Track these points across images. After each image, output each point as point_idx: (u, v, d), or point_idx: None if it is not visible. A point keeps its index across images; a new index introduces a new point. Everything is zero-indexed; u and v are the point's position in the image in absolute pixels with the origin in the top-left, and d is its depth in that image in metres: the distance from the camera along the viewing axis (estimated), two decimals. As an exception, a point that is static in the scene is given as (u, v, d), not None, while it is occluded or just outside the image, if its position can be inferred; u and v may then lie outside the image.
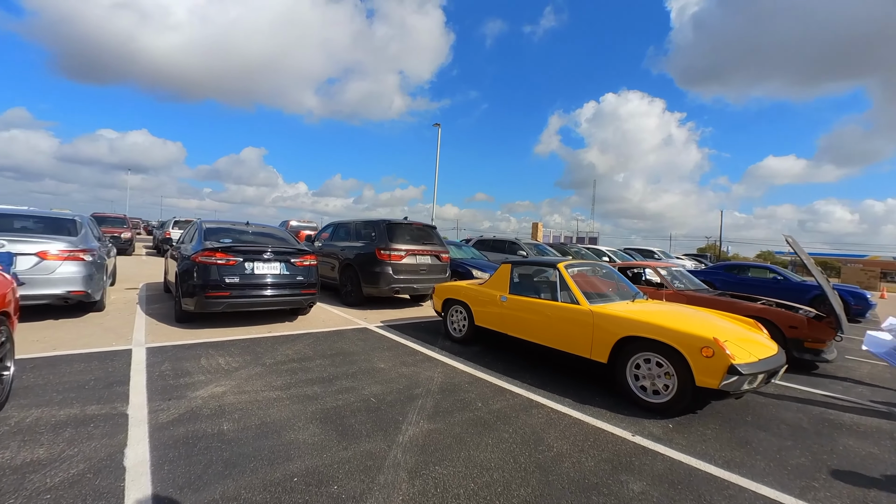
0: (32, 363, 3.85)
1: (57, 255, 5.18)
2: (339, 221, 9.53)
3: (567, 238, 51.43)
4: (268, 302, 5.62)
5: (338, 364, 4.38)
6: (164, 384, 3.55)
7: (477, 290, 5.41)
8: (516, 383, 4.14)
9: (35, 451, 2.45)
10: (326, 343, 5.20)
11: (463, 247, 12.52)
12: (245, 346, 4.81)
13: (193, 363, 4.13)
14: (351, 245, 8.34)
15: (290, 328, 5.83)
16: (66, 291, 5.20)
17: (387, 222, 7.93)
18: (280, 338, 5.29)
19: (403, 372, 4.27)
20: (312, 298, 6.08)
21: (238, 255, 5.48)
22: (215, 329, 5.48)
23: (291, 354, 4.62)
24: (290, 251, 5.98)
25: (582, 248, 17.76)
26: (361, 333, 5.83)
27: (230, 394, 3.43)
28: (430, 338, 5.80)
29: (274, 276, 5.73)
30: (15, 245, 4.93)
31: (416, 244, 7.97)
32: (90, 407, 3.04)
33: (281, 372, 4.03)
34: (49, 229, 5.68)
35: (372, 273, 7.50)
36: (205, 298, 5.21)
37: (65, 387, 3.38)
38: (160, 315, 6.08)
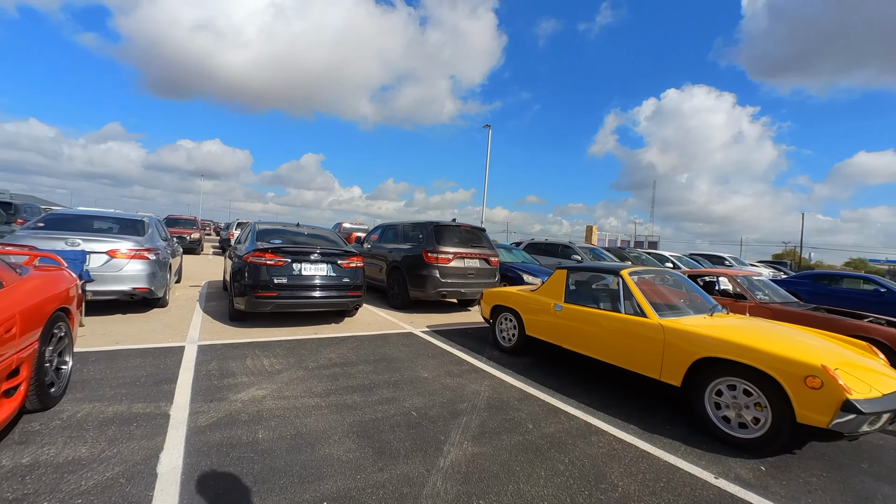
0: (95, 356, 4.02)
1: (124, 254, 5.48)
2: (388, 223, 9.50)
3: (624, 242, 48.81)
4: (314, 303, 5.59)
5: (380, 371, 4.20)
6: (209, 384, 3.54)
7: (528, 297, 5.03)
8: (572, 403, 3.72)
9: (78, 449, 2.45)
10: (370, 347, 5.05)
11: (513, 250, 12.09)
12: (290, 348, 4.78)
13: (239, 363, 4.13)
14: (398, 247, 8.24)
15: (335, 330, 5.77)
16: (132, 288, 5.49)
17: (434, 224, 7.73)
18: (325, 340, 5.23)
19: (448, 383, 3.99)
20: (358, 301, 6.00)
21: (286, 256, 5.51)
22: (264, 328, 5.53)
23: (335, 358, 4.51)
24: (336, 253, 5.94)
25: (642, 253, 16.61)
26: (406, 338, 5.64)
27: (270, 398, 3.34)
28: (478, 346, 5.49)
29: (321, 278, 5.70)
30: (89, 244, 5.27)
31: (465, 247, 7.70)
32: (137, 405, 3.06)
33: (322, 377, 3.91)
34: (119, 230, 6.05)
35: (419, 276, 7.33)
36: (254, 298, 5.27)
37: (118, 382, 3.46)
38: (216, 313, 6.28)
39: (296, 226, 6.83)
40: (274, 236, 6.25)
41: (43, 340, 2.74)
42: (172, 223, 15.79)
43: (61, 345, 3.09)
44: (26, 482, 2.13)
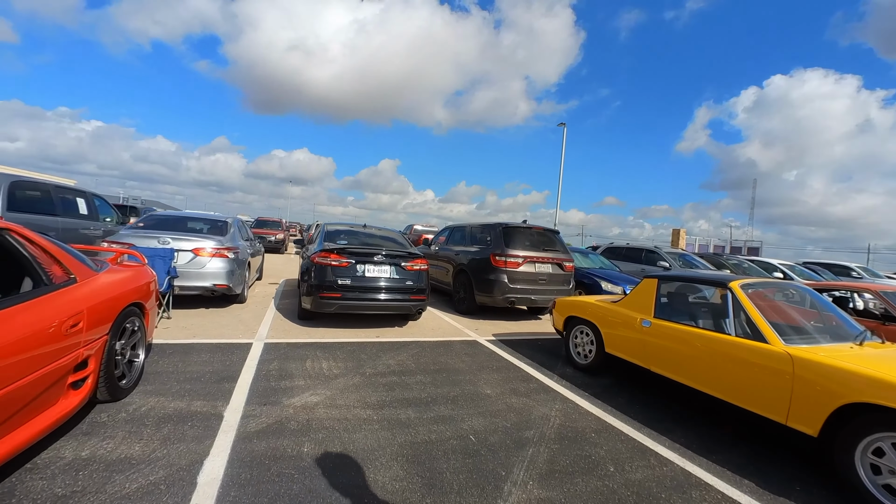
0: (172, 349, 4.21)
1: (207, 252, 5.81)
2: (456, 224, 9.23)
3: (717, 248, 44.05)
4: (377, 306, 5.46)
5: (439, 383, 3.88)
6: (266, 386, 3.48)
7: (609, 309, 4.39)
8: (664, 441, 3.08)
9: (132, 446, 2.44)
10: (431, 355, 4.77)
11: (590, 255, 11.16)
12: (351, 351, 4.66)
13: (299, 364, 4.07)
14: (466, 250, 7.92)
15: (397, 334, 5.59)
16: (213, 284, 5.80)
17: (503, 226, 7.29)
18: (385, 345, 5.05)
19: (513, 403, 3.55)
20: (421, 305, 5.77)
21: (350, 257, 5.45)
22: (329, 329, 5.52)
23: (393, 365, 4.29)
24: (401, 254, 5.77)
25: (743, 261, 14.53)
26: (470, 347, 5.27)
27: (322, 406, 3.17)
28: (548, 360, 4.95)
29: (384, 280, 5.56)
30: (177, 242, 5.66)
31: (536, 250, 7.15)
32: (196, 402, 3.06)
33: (378, 386, 3.68)
34: (205, 230, 6.47)
35: (486, 280, 6.93)
36: (319, 298, 5.27)
37: (185, 376, 3.54)
38: (287, 311, 6.46)
39: (362, 227, 6.82)
40: (341, 237, 6.27)
41: (113, 334, 2.81)
42: (261, 224, 17.12)
43: (133, 339, 3.20)
44: (78, 478, 2.11)
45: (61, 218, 6.36)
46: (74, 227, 6.62)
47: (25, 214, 5.62)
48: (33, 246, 2.39)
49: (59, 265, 2.51)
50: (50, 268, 2.42)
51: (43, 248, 2.45)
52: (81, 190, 7.31)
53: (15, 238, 2.30)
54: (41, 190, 6.12)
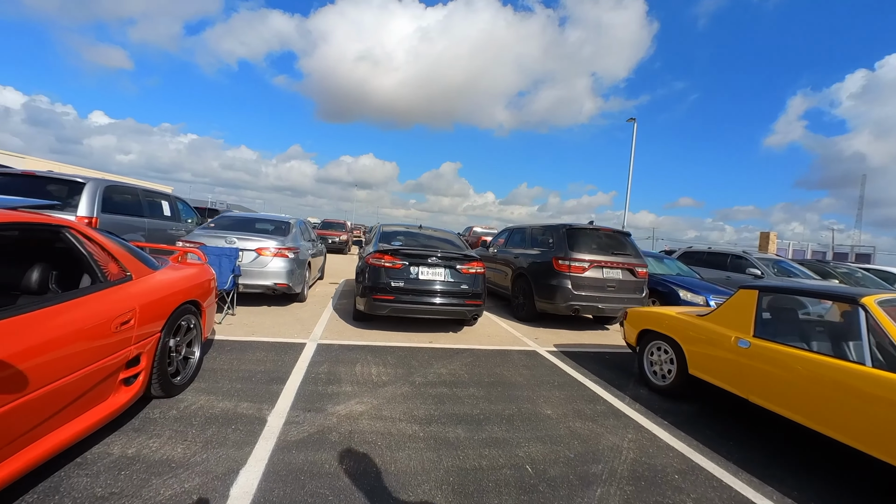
0: (231, 346, 4.29)
1: (269, 252, 5.97)
2: (515, 226, 8.80)
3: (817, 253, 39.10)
4: (430, 310, 5.24)
5: (493, 398, 3.54)
6: (313, 390, 3.37)
7: (694, 324, 3.78)
8: (771, 493, 2.48)
9: (176, 447, 2.39)
10: (486, 365, 4.44)
11: (665, 260, 10.13)
12: (402, 357, 4.47)
13: (348, 368, 3.95)
14: (525, 252, 7.48)
15: (451, 340, 5.32)
16: (274, 283, 5.94)
17: (567, 227, 6.75)
18: (438, 351, 4.80)
19: (577, 429, 3.12)
20: (477, 311, 5.45)
21: (404, 259, 5.28)
22: (381, 332, 5.40)
23: (445, 375, 4.02)
24: (456, 257, 5.50)
25: (856, 269, 12.44)
26: (529, 358, 4.86)
27: (366, 417, 2.98)
28: (618, 378, 4.40)
29: (438, 283, 5.33)
30: (242, 242, 5.88)
31: (604, 254, 6.53)
32: (243, 404, 3.01)
33: (427, 397, 3.43)
34: (268, 230, 6.69)
35: (547, 286, 6.45)
36: (372, 300, 5.16)
37: (238, 375, 3.54)
38: (343, 311, 6.46)
39: (418, 228, 6.66)
40: (396, 238, 6.16)
41: (167, 332, 2.83)
42: (326, 226, 17.84)
43: (189, 336, 3.23)
44: (119, 478, 2.08)
45: (147, 219, 6.90)
46: (159, 228, 7.16)
47: (117, 216, 6.15)
48: (91, 243, 2.43)
49: (116, 262, 2.55)
50: (106, 265, 2.45)
51: (101, 245, 2.50)
52: (166, 193, 7.94)
53: (74, 235, 2.35)
54: (131, 193, 6.68)
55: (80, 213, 5.59)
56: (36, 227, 2.21)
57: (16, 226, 2.11)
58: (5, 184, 5.64)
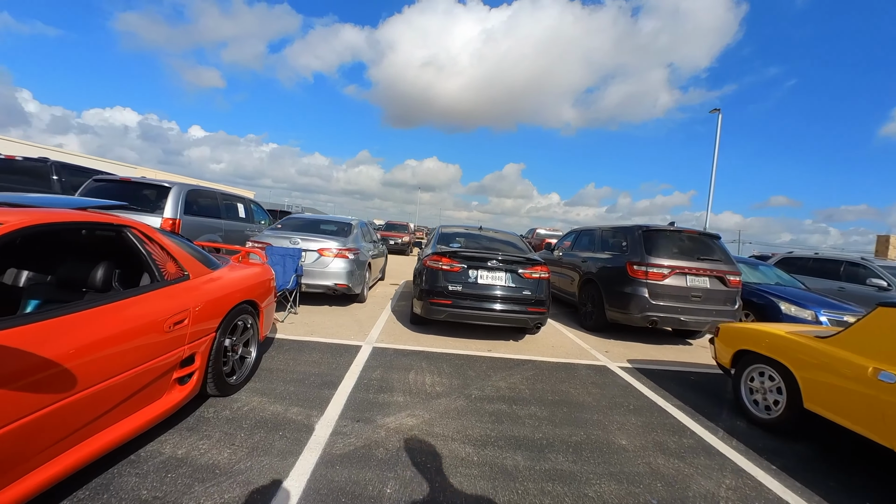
0: (289, 345, 4.32)
1: (330, 253, 6.04)
2: (583, 228, 8.18)
3: (959, 264, 32.53)
4: (489, 316, 4.92)
5: (558, 421, 3.15)
6: (364, 398, 3.22)
7: (812, 347, 3.09)
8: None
9: (223, 451, 2.33)
10: (550, 380, 4.03)
11: (760, 266, 8.86)
12: (458, 365, 4.21)
13: (402, 376, 3.77)
14: (595, 256, 6.88)
15: (511, 349, 4.97)
16: (334, 283, 6.00)
17: (644, 228, 6.08)
18: (497, 361, 4.48)
19: (659, 466, 2.64)
20: (540, 318, 5.04)
21: (462, 262, 5.02)
22: (438, 337, 5.19)
23: (503, 389, 3.69)
24: (518, 260, 5.14)
25: None
26: (598, 375, 4.36)
27: (417, 433, 2.75)
28: (708, 405, 3.77)
29: (498, 288, 5.00)
30: (305, 243, 5.99)
31: (688, 259, 5.78)
32: (293, 409, 2.93)
33: (483, 415, 3.13)
34: (330, 231, 6.79)
35: (619, 294, 5.84)
36: (429, 304, 4.96)
37: (292, 377, 3.50)
38: (401, 314, 6.37)
39: (478, 229, 6.38)
40: (455, 240, 5.93)
41: (223, 331, 2.83)
42: (390, 228, 18.22)
43: (245, 336, 3.24)
44: (165, 481, 2.04)
45: (224, 220, 7.35)
46: (235, 229, 7.60)
47: (197, 217, 6.60)
48: (151, 243, 2.47)
49: (174, 262, 2.57)
50: (164, 264, 2.47)
51: (161, 245, 2.53)
52: (241, 196, 8.45)
53: (135, 235, 2.39)
54: (210, 197, 7.15)
55: (165, 214, 6.03)
56: (101, 227, 2.27)
57: (82, 225, 2.17)
58: (108, 188, 6.26)
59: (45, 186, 7.27)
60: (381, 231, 16.30)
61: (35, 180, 7.37)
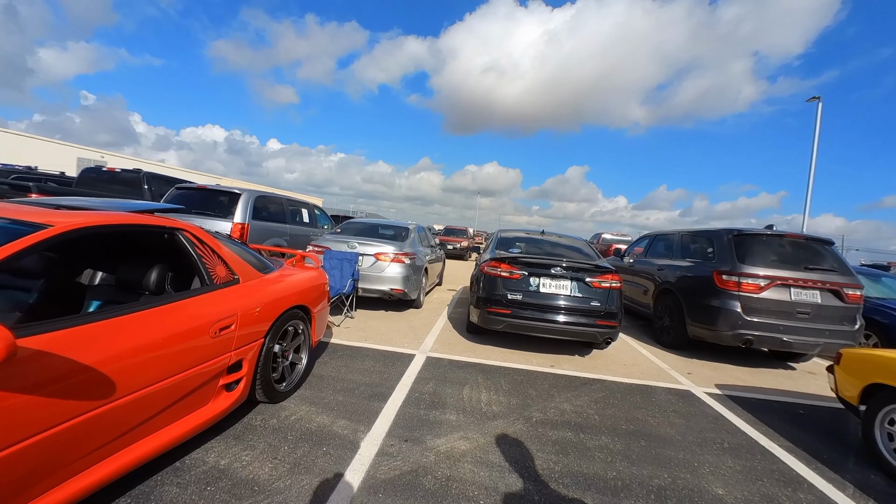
0: (342, 351, 4.24)
1: (387, 258, 5.95)
2: (659, 233, 7.41)
3: None
4: (552, 329, 4.49)
5: (635, 457, 2.69)
6: (415, 414, 3.00)
7: None
8: None
9: (264, 465, 2.21)
10: (623, 405, 3.54)
11: (883, 278, 7.43)
12: (517, 382, 3.86)
13: (455, 391, 3.50)
14: (673, 264, 6.15)
15: (577, 366, 4.50)
16: (390, 288, 5.90)
17: (735, 232, 5.29)
18: (561, 379, 4.05)
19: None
20: (611, 333, 4.52)
21: (523, 268, 4.65)
22: (496, 348, 4.87)
23: (569, 413, 3.28)
24: (585, 268, 4.66)
25: None
26: (682, 401, 3.78)
27: (469, 460, 2.46)
28: (827, 450, 3.07)
29: (563, 298, 4.57)
30: (362, 247, 5.97)
31: (792, 269, 4.92)
32: (340, 422, 2.77)
33: (545, 443, 2.76)
34: (388, 236, 6.74)
35: (704, 307, 5.12)
36: (486, 313, 4.65)
37: (342, 385, 3.38)
38: (457, 321, 6.12)
39: (540, 233, 5.96)
40: (515, 245, 5.57)
41: (272, 337, 2.75)
42: (448, 233, 18.14)
43: (296, 342, 3.16)
44: (204, 495, 1.94)
45: (289, 225, 7.62)
46: (299, 233, 7.86)
47: (264, 222, 6.88)
48: (202, 246, 2.44)
49: (224, 265, 2.53)
50: (213, 268, 2.43)
51: (212, 248, 2.50)
52: (305, 202, 8.74)
53: (186, 238, 2.37)
54: (276, 203, 7.44)
55: (235, 219, 6.33)
56: (154, 230, 2.26)
57: (135, 228, 2.17)
58: (188, 195, 6.72)
59: (138, 194, 8.03)
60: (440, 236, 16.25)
61: (131, 189, 8.19)
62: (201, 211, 6.44)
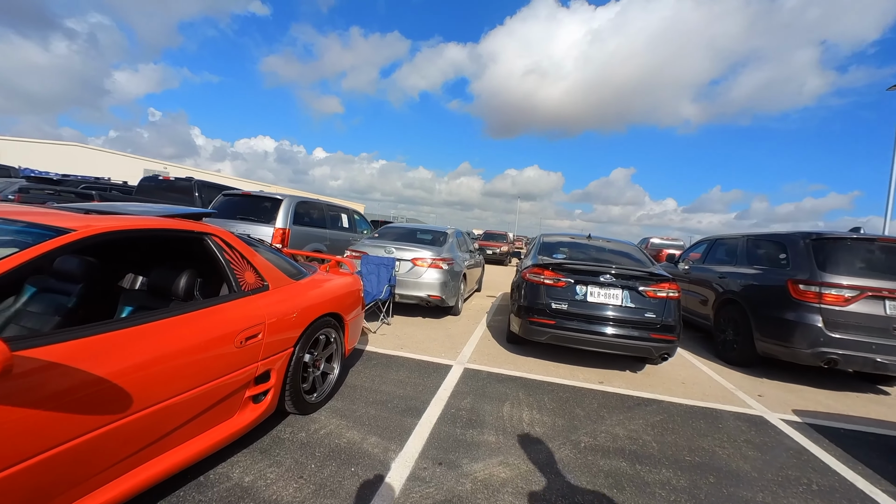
0: (377, 359, 4.10)
1: (424, 263, 5.80)
2: (719, 237, 6.78)
3: None
4: (601, 342, 4.13)
5: (703, 498, 2.32)
6: (450, 433, 2.78)
7: None
8: None
9: (288, 485, 2.08)
10: (684, 431, 3.14)
11: None
12: (562, 400, 3.54)
13: (495, 408, 3.25)
14: (738, 272, 5.56)
15: (629, 383, 4.10)
16: (427, 294, 5.73)
17: (814, 236, 4.67)
18: (612, 398, 3.69)
19: None
20: (667, 348, 4.08)
21: (568, 275, 4.32)
22: (538, 360, 4.56)
23: (622, 439, 2.93)
24: (638, 275, 4.27)
25: None
26: (754, 430, 3.31)
27: (510, 491, 2.21)
28: (950, 499, 2.53)
29: (613, 308, 4.19)
30: (399, 252, 5.85)
31: (887, 278, 4.26)
32: (370, 439, 2.60)
33: (597, 473, 2.45)
34: (425, 240, 6.59)
35: (777, 321, 4.55)
36: (528, 324, 4.36)
37: (376, 397, 3.22)
38: (497, 330, 5.85)
39: (586, 238, 5.57)
40: (559, 250, 5.23)
41: (302, 346, 2.64)
42: (488, 237, 17.84)
43: (328, 351, 3.04)
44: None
45: (329, 230, 7.67)
46: (338, 238, 7.90)
47: (305, 227, 6.95)
48: (231, 251, 2.36)
49: (254, 272, 2.44)
50: (242, 274, 2.35)
51: (241, 253, 2.42)
52: (345, 207, 8.80)
53: (215, 242, 2.30)
54: (316, 208, 7.52)
55: (277, 225, 6.43)
56: (180, 234, 2.20)
57: (161, 232, 2.12)
58: (234, 201, 6.91)
59: (190, 201, 8.41)
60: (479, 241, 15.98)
61: (184, 196, 8.59)
62: (245, 216, 6.59)
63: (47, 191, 7.53)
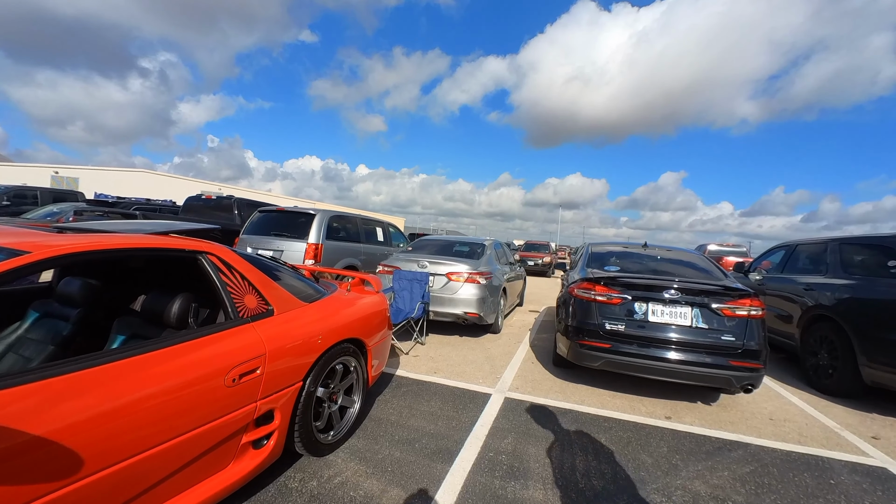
0: (408, 386, 3.71)
1: (460, 278, 5.38)
2: (799, 242, 5.86)
3: None
4: (668, 371, 3.49)
5: None
6: (487, 486, 2.31)
7: None
8: None
9: (288, 560, 1.70)
10: (788, 490, 2.47)
11: None
12: (624, 441, 2.96)
13: (540, 450, 2.74)
14: (829, 283, 4.68)
15: (703, 418, 3.44)
16: (464, 312, 5.30)
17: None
18: (685, 439, 3.05)
19: None
20: (752, 377, 3.38)
21: (625, 291, 3.73)
22: (591, 388, 3.98)
23: (706, 499, 2.33)
24: (710, 289, 3.61)
25: None
26: (880, 488, 2.56)
27: (563, 575, 1.71)
28: None
29: (681, 330, 3.55)
30: (433, 266, 5.47)
31: None
32: (391, 492, 2.19)
33: (677, 551, 1.89)
34: (461, 253, 6.17)
35: (891, 344, 3.70)
36: (578, 347, 3.80)
37: (403, 434, 2.81)
38: (541, 350, 5.29)
39: (642, 247, 4.93)
40: (611, 261, 4.63)
41: (314, 380, 2.29)
42: (529, 248, 17.16)
43: (346, 381, 2.68)
44: None
45: (363, 244, 7.46)
46: (373, 252, 7.68)
47: (338, 242, 6.77)
48: (230, 272, 2.06)
49: (256, 294, 2.13)
50: (241, 298, 2.04)
51: (242, 274, 2.12)
52: (380, 221, 8.60)
53: (211, 262, 2.01)
54: (350, 222, 7.35)
55: (309, 240, 6.28)
56: (171, 255, 1.93)
57: (144, 252, 1.85)
58: (270, 217, 6.87)
59: (230, 218, 8.54)
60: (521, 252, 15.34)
61: (225, 213, 8.76)
62: (280, 232, 6.51)
63: (97, 212, 7.90)
